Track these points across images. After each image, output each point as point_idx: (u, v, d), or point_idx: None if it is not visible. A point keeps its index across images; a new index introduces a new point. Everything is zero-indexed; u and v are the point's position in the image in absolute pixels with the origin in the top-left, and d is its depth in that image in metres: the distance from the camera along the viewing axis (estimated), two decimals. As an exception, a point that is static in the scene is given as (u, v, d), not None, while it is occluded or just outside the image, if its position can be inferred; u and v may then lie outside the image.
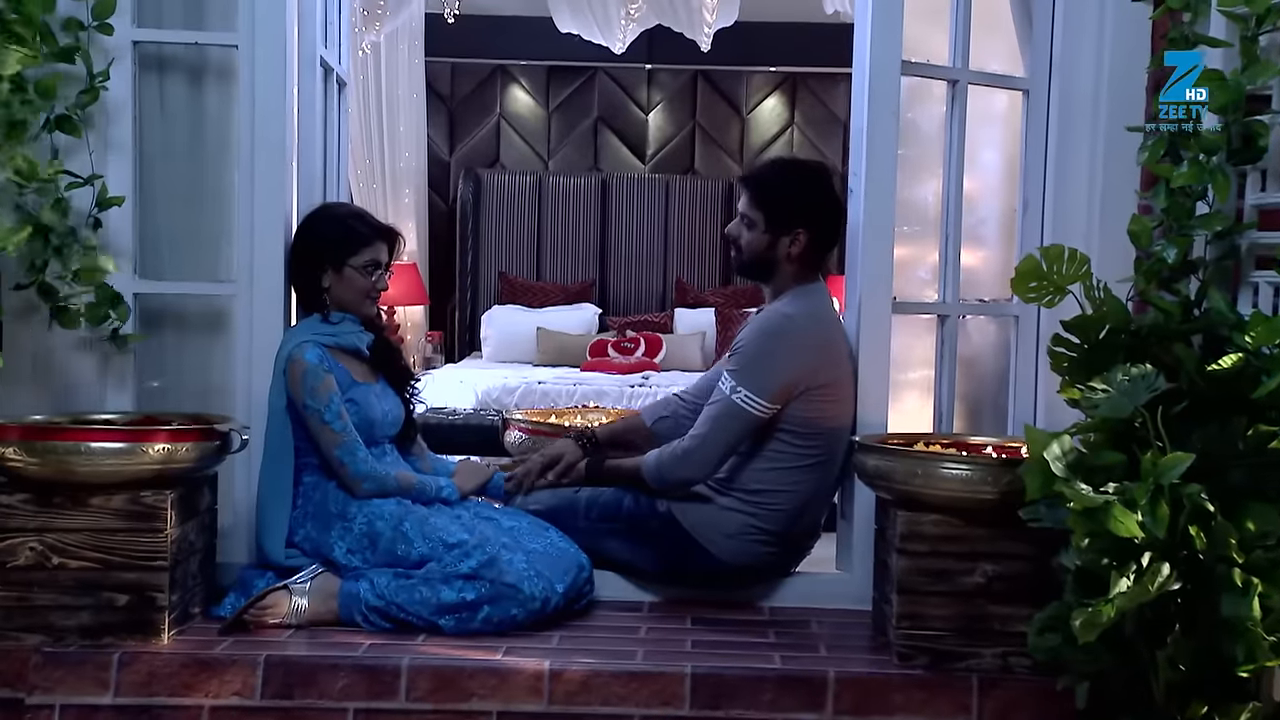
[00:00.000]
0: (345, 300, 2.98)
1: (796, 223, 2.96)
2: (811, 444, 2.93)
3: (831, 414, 2.93)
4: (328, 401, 2.83)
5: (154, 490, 2.57)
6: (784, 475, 2.93)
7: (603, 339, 7.22)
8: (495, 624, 2.70)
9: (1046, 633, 2.31)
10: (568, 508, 3.07)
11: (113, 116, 2.95)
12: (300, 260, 2.98)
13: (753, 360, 2.90)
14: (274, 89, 2.96)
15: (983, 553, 2.57)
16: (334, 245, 2.96)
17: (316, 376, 2.83)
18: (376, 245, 2.99)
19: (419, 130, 7.78)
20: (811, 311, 2.96)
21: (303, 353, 2.85)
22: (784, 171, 3.06)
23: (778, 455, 2.93)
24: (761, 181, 3.02)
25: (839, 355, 2.97)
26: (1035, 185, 3.17)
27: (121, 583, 2.56)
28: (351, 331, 2.98)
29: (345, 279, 2.96)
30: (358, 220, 3.02)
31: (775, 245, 2.98)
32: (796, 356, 2.89)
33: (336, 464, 2.86)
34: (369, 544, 2.82)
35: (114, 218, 2.94)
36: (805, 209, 2.98)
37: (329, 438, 2.84)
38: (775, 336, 2.91)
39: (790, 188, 2.99)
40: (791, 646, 2.72)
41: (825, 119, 7.99)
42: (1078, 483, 2.10)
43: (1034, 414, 3.17)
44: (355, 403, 2.92)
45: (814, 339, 2.93)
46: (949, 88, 3.17)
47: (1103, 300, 2.39)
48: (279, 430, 2.86)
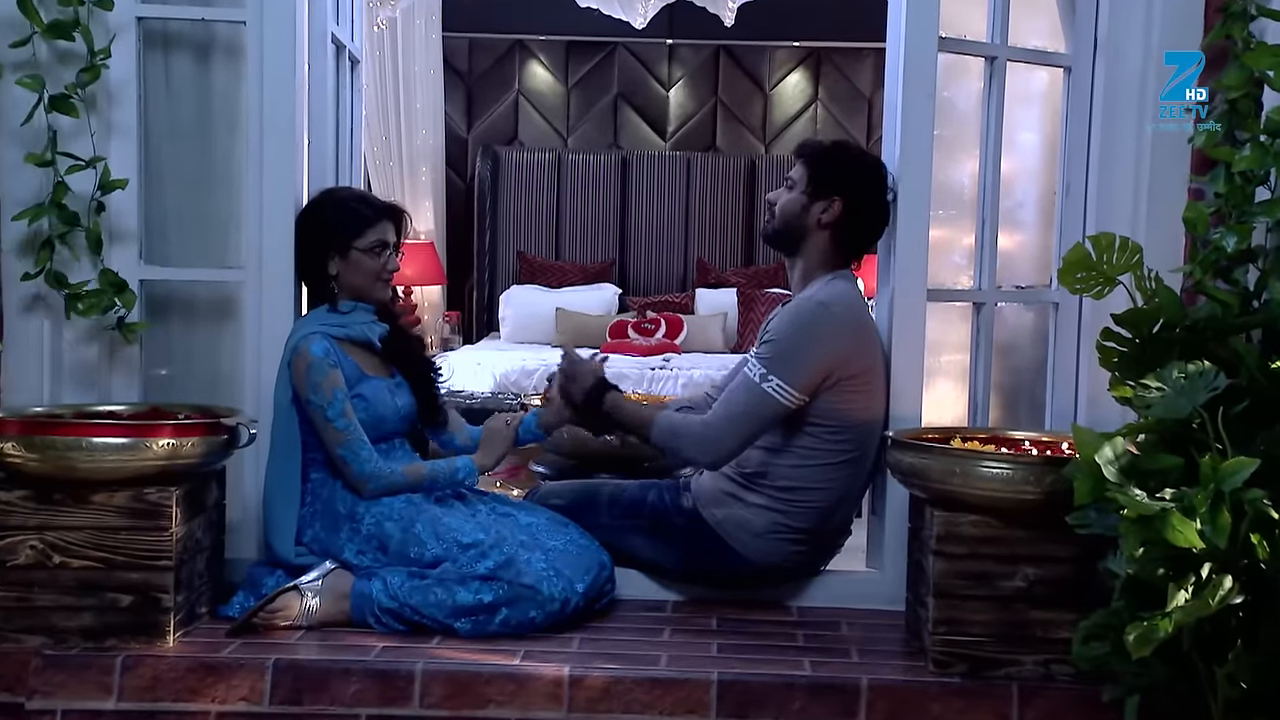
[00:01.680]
0: (356, 285, 2.86)
1: (835, 189, 2.87)
2: (842, 438, 2.81)
3: (862, 405, 2.82)
4: (331, 398, 2.71)
5: (158, 487, 2.47)
6: (816, 472, 2.82)
7: (623, 320, 7.11)
8: (513, 627, 2.60)
9: (1092, 641, 2.18)
10: (588, 503, 2.97)
11: (115, 96, 2.84)
12: (304, 249, 2.86)
13: (787, 349, 2.78)
14: (283, 66, 2.84)
15: (1024, 555, 2.46)
16: (337, 229, 2.84)
17: (321, 371, 2.71)
18: (382, 225, 2.87)
19: (436, 107, 7.66)
20: (845, 298, 2.85)
21: (308, 345, 2.73)
22: (842, 145, 3.04)
23: (809, 451, 2.82)
24: (816, 148, 2.97)
25: (872, 344, 2.87)
26: (1078, 168, 3.03)
27: (125, 583, 2.47)
28: (363, 322, 2.87)
29: (352, 263, 2.84)
30: (359, 202, 2.90)
31: (809, 209, 2.88)
32: (831, 343, 2.78)
33: (340, 463, 2.75)
34: (379, 546, 2.72)
35: (118, 202, 2.84)
36: (848, 179, 2.89)
37: (332, 436, 2.73)
38: (810, 324, 2.80)
39: (841, 157, 2.95)
40: (822, 651, 2.60)
41: (850, 95, 7.84)
42: (1131, 488, 1.97)
43: (1075, 407, 3.04)
44: (364, 398, 2.80)
45: (848, 326, 2.82)
46: (987, 64, 3.04)
47: (1154, 291, 2.26)
48: (285, 426, 2.75)
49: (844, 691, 2.42)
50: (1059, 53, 3.11)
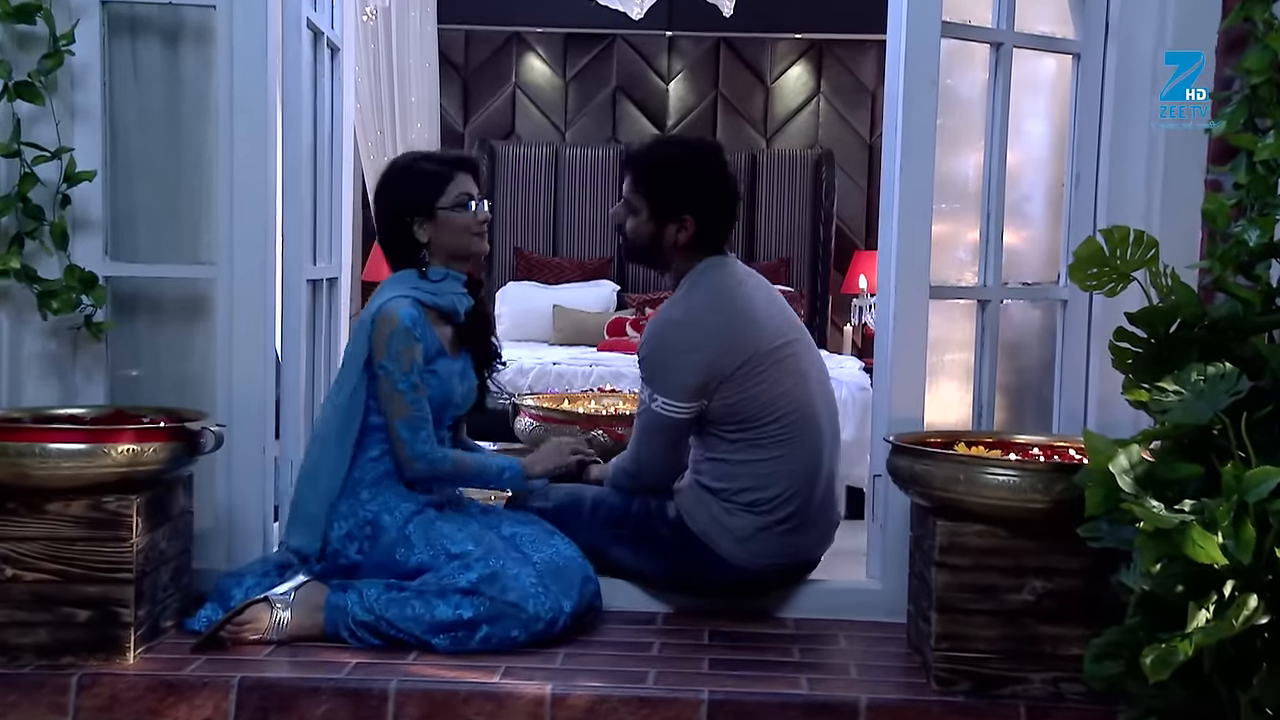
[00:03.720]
0: (453, 246, 2.75)
1: (683, 210, 2.74)
2: (759, 426, 2.69)
3: (760, 391, 2.68)
4: (408, 369, 2.62)
5: (118, 495, 2.35)
6: (758, 467, 2.70)
7: (621, 317, 6.97)
8: (494, 645, 2.47)
9: (1106, 660, 2.04)
10: (573, 505, 2.84)
11: (80, 83, 2.72)
12: (389, 224, 2.77)
13: (657, 365, 2.71)
14: (254, 52, 2.73)
15: (1031, 567, 2.34)
16: (415, 195, 2.73)
17: (405, 340, 2.62)
18: (459, 177, 2.76)
19: (431, 101, 7.52)
20: (705, 298, 2.73)
21: (398, 309, 2.63)
22: (669, 155, 2.81)
23: (737, 449, 2.70)
24: (644, 165, 2.79)
25: (745, 334, 2.71)
26: (1088, 159, 2.90)
27: (82, 597, 2.34)
28: (454, 292, 2.76)
29: (441, 223, 2.73)
30: (427, 160, 2.80)
31: (661, 234, 2.77)
32: (696, 353, 2.67)
33: (394, 435, 2.65)
34: (370, 535, 2.61)
35: (82, 194, 2.71)
36: (692, 195, 2.74)
37: (397, 407, 2.63)
38: (670, 337, 2.71)
39: (675, 173, 2.76)
40: (819, 667, 2.48)
41: (853, 88, 7.69)
42: (1148, 499, 1.84)
43: (1084, 409, 2.90)
44: (438, 376, 2.71)
45: (710, 328, 2.69)
46: (992, 51, 2.92)
47: (1171, 288, 2.12)
48: (350, 395, 2.65)
49: (841, 711, 2.29)
50: (1067, 39, 2.98)
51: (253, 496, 2.80)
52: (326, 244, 3.28)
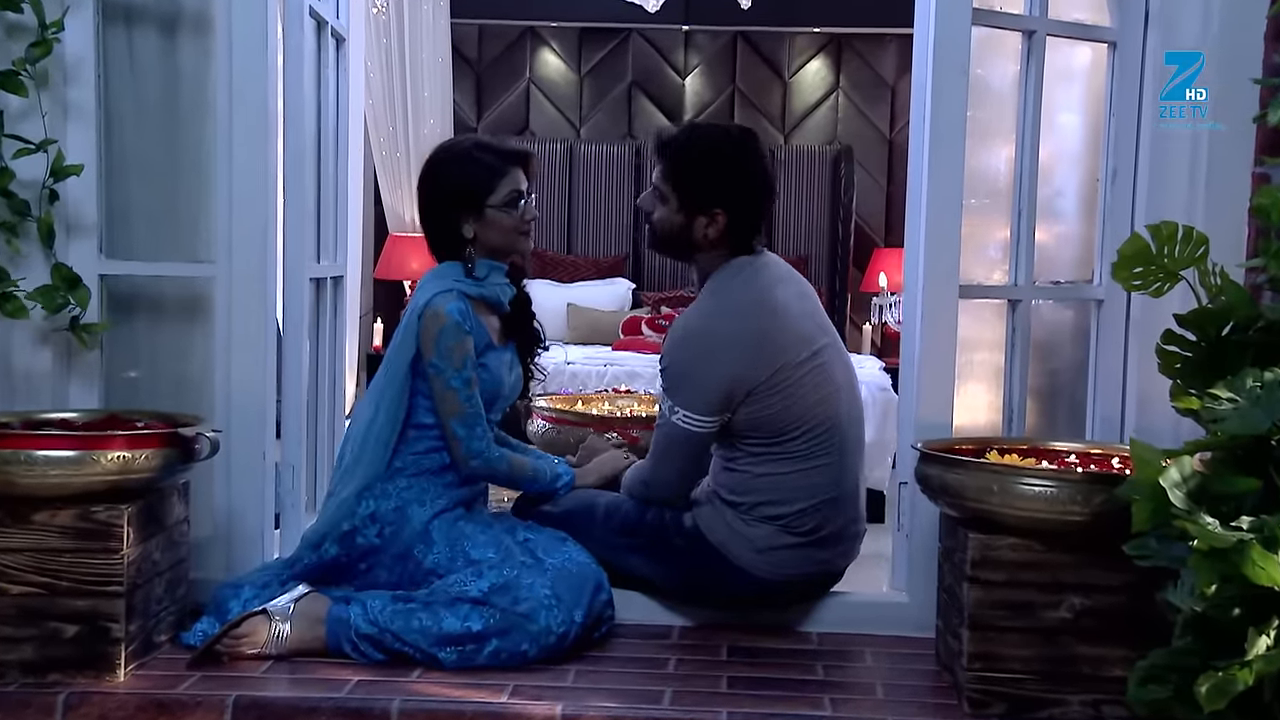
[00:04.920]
0: (497, 245, 2.65)
1: (714, 203, 2.59)
2: (785, 440, 2.56)
3: (795, 405, 2.55)
4: (460, 365, 2.52)
5: (108, 504, 2.24)
6: (784, 480, 2.57)
7: (636, 315, 6.86)
8: (503, 660, 2.36)
9: (1151, 684, 1.92)
10: (584, 512, 2.72)
11: (71, 74, 2.61)
12: (435, 216, 2.65)
13: (681, 375, 2.56)
14: (255, 43, 2.62)
15: (1070, 583, 2.22)
16: (466, 189, 2.61)
17: (454, 336, 2.52)
18: (513, 173, 2.64)
19: (444, 96, 7.41)
20: (733, 304, 2.59)
21: (444, 305, 2.52)
22: (703, 143, 2.64)
23: (767, 460, 2.57)
24: (677, 153, 2.64)
25: (778, 342, 2.57)
26: (1126, 152, 2.77)
27: (70, 611, 2.23)
28: (498, 283, 2.66)
29: (489, 222, 2.62)
30: (483, 151, 2.66)
31: (690, 226, 2.63)
32: (726, 359, 2.52)
33: (449, 434, 2.55)
34: (394, 522, 2.52)
35: (75, 191, 2.60)
36: (725, 188, 2.60)
37: (451, 406, 2.53)
38: (697, 343, 2.56)
39: (709, 164, 2.61)
40: (844, 687, 2.35)
41: (872, 83, 7.56)
42: (1202, 515, 1.71)
43: (1121, 414, 2.78)
44: (488, 368, 2.61)
45: (742, 333, 2.55)
46: (1024, 39, 2.79)
47: (1220, 288, 1.99)
48: (395, 393, 2.56)
49: (868, 735, 2.16)
50: (1103, 26, 2.85)
51: (252, 503, 2.69)
52: (331, 241, 3.16)
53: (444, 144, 2.76)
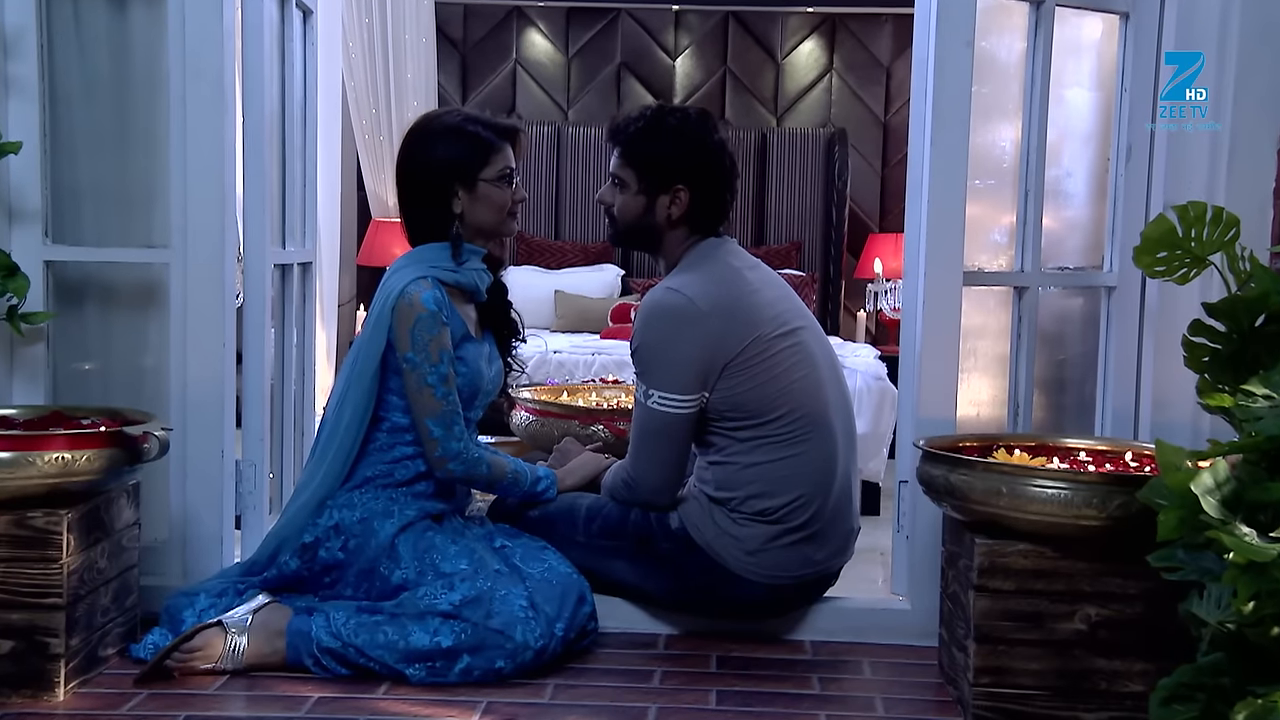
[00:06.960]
0: (484, 223, 2.50)
1: (675, 179, 2.48)
2: (777, 423, 2.41)
3: (773, 380, 2.42)
4: (437, 360, 2.37)
5: (46, 509, 2.08)
6: (770, 470, 2.41)
7: (625, 303, 6.70)
8: (476, 678, 2.20)
9: (1175, 703, 1.77)
10: (565, 516, 2.56)
11: (11, 46, 2.43)
12: (423, 189, 2.48)
13: (652, 353, 2.43)
14: (209, 11, 2.46)
15: (1085, 592, 2.07)
16: (461, 161, 2.46)
17: (430, 328, 2.36)
18: (505, 149, 2.50)
19: (428, 78, 7.23)
20: (702, 275, 2.46)
21: (419, 293, 2.36)
22: (657, 119, 2.54)
23: (752, 446, 2.42)
24: (630, 135, 2.52)
25: (753, 313, 2.44)
26: (1139, 130, 2.61)
27: (5, 625, 2.07)
28: (476, 269, 2.50)
29: (479, 197, 2.48)
30: (478, 125, 2.50)
31: (653, 208, 2.51)
32: (698, 331, 2.40)
33: (425, 433, 2.39)
34: (359, 534, 2.35)
35: (15, 169, 2.43)
36: (683, 163, 2.49)
37: (427, 403, 2.37)
38: (667, 318, 2.43)
39: (666, 139, 2.51)
40: (841, 702, 2.20)
41: (867, 64, 7.38)
42: (1238, 525, 1.55)
43: (1135, 409, 2.61)
44: (465, 362, 2.46)
45: (714, 305, 2.42)
46: (1032, 10, 2.65)
47: (1250, 274, 1.83)
48: (365, 382, 2.40)
49: (867, 757, 2.01)
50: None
51: (209, 504, 2.54)
52: (299, 225, 2.99)
53: (428, 115, 2.61)
